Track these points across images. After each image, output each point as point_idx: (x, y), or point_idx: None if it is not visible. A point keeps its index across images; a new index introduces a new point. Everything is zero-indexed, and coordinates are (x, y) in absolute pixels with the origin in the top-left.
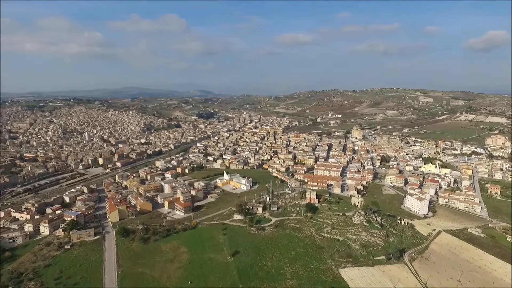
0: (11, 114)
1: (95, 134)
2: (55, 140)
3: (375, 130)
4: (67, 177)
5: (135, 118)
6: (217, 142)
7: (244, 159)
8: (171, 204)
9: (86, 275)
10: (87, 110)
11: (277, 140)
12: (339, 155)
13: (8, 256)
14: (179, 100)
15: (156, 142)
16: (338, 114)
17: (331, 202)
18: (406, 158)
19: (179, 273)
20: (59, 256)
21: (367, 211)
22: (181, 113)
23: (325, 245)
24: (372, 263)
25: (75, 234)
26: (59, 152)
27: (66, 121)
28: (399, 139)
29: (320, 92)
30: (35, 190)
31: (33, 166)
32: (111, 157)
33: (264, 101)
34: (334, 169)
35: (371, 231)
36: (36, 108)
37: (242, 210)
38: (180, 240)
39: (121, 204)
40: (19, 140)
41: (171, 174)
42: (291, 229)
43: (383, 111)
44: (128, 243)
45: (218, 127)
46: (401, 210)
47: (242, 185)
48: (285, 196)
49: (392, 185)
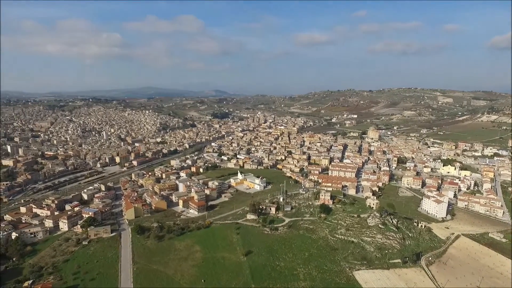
0: (33, 114)
1: (112, 133)
2: (74, 138)
3: (392, 131)
4: (85, 175)
5: (151, 118)
6: (231, 142)
7: (258, 159)
8: (185, 202)
9: (103, 271)
10: (105, 110)
11: (292, 140)
12: (354, 156)
13: (29, 251)
14: (194, 100)
15: (172, 141)
16: (353, 115)
17: (345, 203)
18: (424, 160)
19: (192, 271)
20: (77, 252)
21: (383, 213)
22: (196, 113)
23: (339, 247)
24: (388, 266)
25: (92, 231)
26: (78, 151)
27: (85, 120)
28: (417, 140)
29: (336, 92)
30: (55, 187)
31: (53, 164)
32: (128, 155)
33: (279, 101)
34: (349, 170)
35: (387, 233)
36: (57, 107)
37: (256, 210)
38: (194, 239)
39: (137, 202)
40: (41, 138)
41: (185, 173)
42: (304, 230)
43: (400, 111)
44: (143, 240)
45: (233, 127)
46: (418, 213)
47: (256, 185)
48: (299, 196)
49: (409, 187)
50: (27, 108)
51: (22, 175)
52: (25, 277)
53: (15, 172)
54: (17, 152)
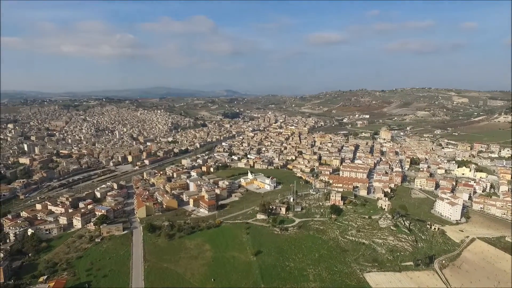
0: (49, 113)
1: (125, 133)
2: (88, 137)
3: (405, 131)
4: (98, 173)
5: (163, 117)
6: (241, 142)
7: (268, 159)
8: (196, 202)
9: (115, 268)
10: (118, 109)
11: (302, 140)
12: (366, 156)
13: (44, 247)
14: (206, 99)
15: (183, 141)
16: (365, 115)
17: (356, 204)
18: (438, 161)
19: (202, 270)
20: (90, 249)
21: (395, 214)
22: (207, 112)
23: (350, 248)
24: (399, 268)
25: (105, 228)
26: (91, 149)
27: (98, 120)
28: (431, 140)
29: (347, 92)
30: (69, 185)
31: (68, 162)
32: (140, 154)
33: (290, 101)
34: (361, 171)
35: (399, 235)
36: (72, 107)
37: (266, 210)
38: (204, 238)
39: (148, 201)
40: (56, 137)
41: (196, 173)
42: (314, 231)
43: (413, 111)
44: (154, 238)
45: (243, 126)
46: (431, 215)
47: (266, 185)
48: (309, 197)
49: (422, 188)
50: (43, 107)
51: (38, 173)
52: (40, 272)
53: (31, 170)
54: (33, 150)
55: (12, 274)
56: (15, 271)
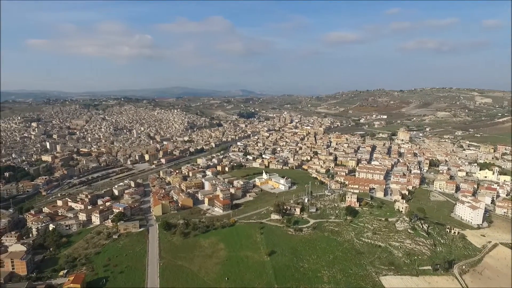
0: (70, 112)
1: (142, 132)
2: (107, 136)
3: (424, 132)
4: (116, 171)
5: (179, 117)
6: (257, 142)
7: (283, 159)
8: (210, 201)
9: (131, 264)
10: (136, 109)
11: (318, 140)
12: (383, 157)
13: (64, 242)
14: (221, 99)
15: (198, 140)
16: (383, 115)
17: (373, 206)
18: (459, 163)
19: (216, 268)
20: (108, 245)
21: (412, 217)
22: (223, 112)
23: (365, 251)
24: (417, 272)
25: (122, 225)
26: (110, 148)
27: (117, 119)
28: (451, 142)
29: (364, 92)
30: (88, 183)
31: (87, 160)
32: (156, 153)
33: (306, 101)
34: (377, 172)
35: (416, 239)
36: (91, 106)
37: (280, 210)
38: (218, 237)
39: (164, 199)
40: (76, 135)
41: (211, 172)
42: (329, 232)
43: (433, 112)
44: (169, 236)
45: (258, 126)
46: (451, 219)
47: (281, 185)
48: (324, 198)
49: (442, 191)
50: (65, 107)
51: (59, 170)
52: (60, 266)
53: (53, 167)
54: (55, 148)
55: (35, 267)
56: (37, 265)
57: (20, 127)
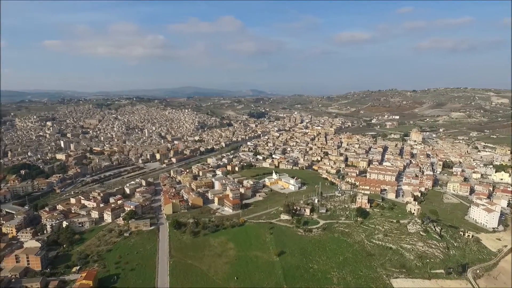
0: (84, 111)
1: (153, 131)
2: (119, 135)
3: (437, 133)
4: (128, 170)
5: (190, 116)
6: (267, 142)
7: (293, 159)
8: (220, 200)
9: (142, 262)
10: (148, 108)
11: (328, 141)
12: (395, 158)
13: (77, 239)
14: (232, 99)
15: (209, 140)
16: (395, 115)
17: (384, 207)
18: (473, 165)
19: (226, 268)
20: (119, 243)
21: (425, 219)
22: (233, 112)
23: (376, 253)
24: (429, 276)
25: (133, 224)
26: (122, 147)
27: (129, 118)
28: (466, 143)
29: (376, 92)
30: (101, 181)
31: (100, 159)
32: (167, 153)
33: (316, 101)
34: (389, 173)
35: (429, 241)
36: (104, 106)
37: (290, 210)
38: (228, 236)
39: (175, 198)
40: (90, 135)
41: (221, 172)
42: (339, 233)
43: (447, 112)
44: (179, 235)
45: (269, 126)
46: (465, 221)
47: (291, 185)
48: (334, 198)
49: (455, 193)
50: (79, 106)
51: (72, 169)
52: (73, 263)
53: (66, 165)
54: (69, 147)
55: (48, 263)
56: (51, 261)
57: (36, 126)
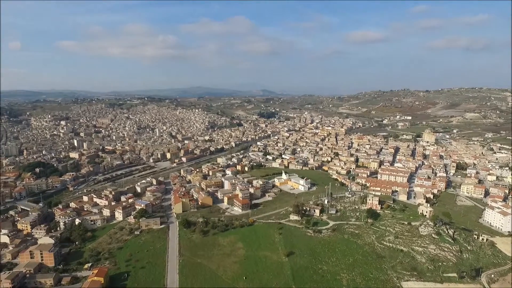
0: (96, 111)
1: (164, 130)
2: (130, 135)
3: (451, 134)
4: (139, 169)
5: (201, 116)
6: (276, 142)
7: (303, 159)
8: (230, 200)
9: (152, 260)
10: (159, 108)
11: (339, 141)
12: (406, 159)
13: (89, 236)
14: (242, 99)
15: (219, 139)
16: (407, 116)
17: (395, 209)
18: (488, 167)
19: (234, 267)
20: (130, 241)
21: (437, 222)
22: (243, 112)
23: (387, 255)
24: (441, 279)
25: (144, 222)
26: (133, 146)
27: (140, 118)
28: (480, 145)
29: (388, 92)
30: (112, 179)
31: (112, 158)
32: (178, 152)
33: (327, 101)
34: (401, 175)
35: (441, 244)
36: (116, 105)
37: (299, 211)
38: (237, 236)
39: (185, 197)
40: (102, 134)
41: (231, 171)
42: (349, 235)
43: (461, 113)
44: (189, 234)
45: (279, 126)
46: (479, 225)
47: (300, 186)
48: (344, 199)
49: (469, 195)
50: (92, 106)
51: (85, 167)
52: (85, 260)
53: (79, 164)
54: (82, 146)
55: (61, 259)
56: (64, 257)
57: (50, 125)
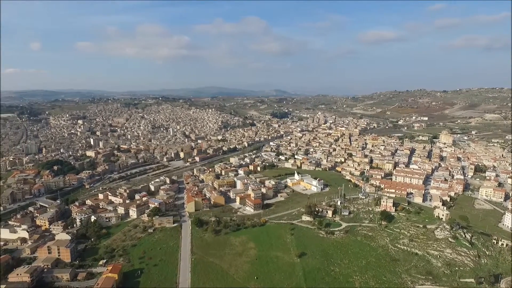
0: (112, 110)
1: (178, 130)
2: (145, 134)
3: (469, 136)
4: (153, 168)
5: (214, 116)
6: (289, 142)
7: (316, 160)
8: (242, 200)
9: (165, 258)
10: (173, 108)
11: (353, 142)
12: (422, 161)
13: (104, 233)
14: (255, 99)
15: (232, 139)
16: (423, 117)
17: (410, 211)
18: (509, 169)
19: (246, 267)
20: (143, 238)
21: (454, 225)
22: (256, 112)
23: (401, 258)
24: (458, 284)
25: (157, 220)
26: (148, 145)
27: (154, 117)
28: (500, 146)
29: (404, 92)
30: (127, 178)
31: (127, 157)
32: (191, 151)
33: (341, 101)
34: (416, 176)
35: (458, 248)
36: (132, 105)
37: (311, 211)
38: (249, 236)
39: (197, 196)
40: (117, 133)
41: (243, 171)
42: (362, 237)
43: (480, 114)
44: (201, 233)
45: (292, 126)
46: (499, 229)
47: (313, 187)
48: (358, 201)
49: (488, 199)
50: (108, 105)
51: (101, 166)
52: (100, 256)
53: (95, 162)
54: (98, 144)
55: (77, 255)
56: (79, 253)
57: (68, 124)
